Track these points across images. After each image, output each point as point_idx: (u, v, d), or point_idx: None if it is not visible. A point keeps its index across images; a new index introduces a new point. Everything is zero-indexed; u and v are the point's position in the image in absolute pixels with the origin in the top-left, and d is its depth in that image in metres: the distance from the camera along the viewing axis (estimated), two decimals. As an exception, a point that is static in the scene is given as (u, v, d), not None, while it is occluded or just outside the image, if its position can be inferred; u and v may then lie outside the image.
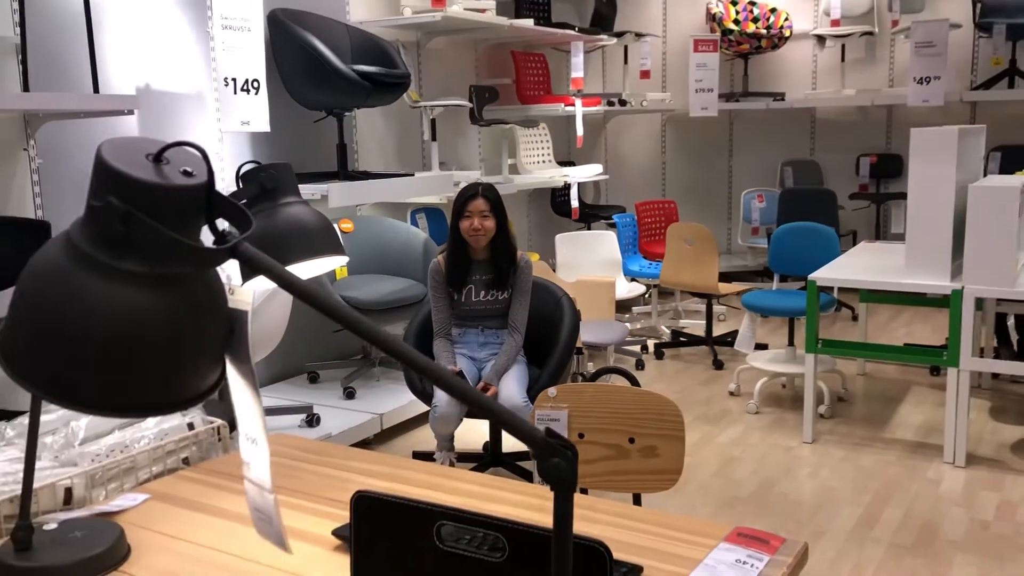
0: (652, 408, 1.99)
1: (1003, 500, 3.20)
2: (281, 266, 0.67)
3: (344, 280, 4.15)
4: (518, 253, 3.16)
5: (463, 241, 3.15)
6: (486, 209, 3.11)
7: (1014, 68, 6.08)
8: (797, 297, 4.36)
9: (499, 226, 3.13)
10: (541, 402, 2.04)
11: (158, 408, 0.69)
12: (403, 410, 3.95)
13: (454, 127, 5.65)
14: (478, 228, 3.10)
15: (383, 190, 4.02)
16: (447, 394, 0.62)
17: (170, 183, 0.67)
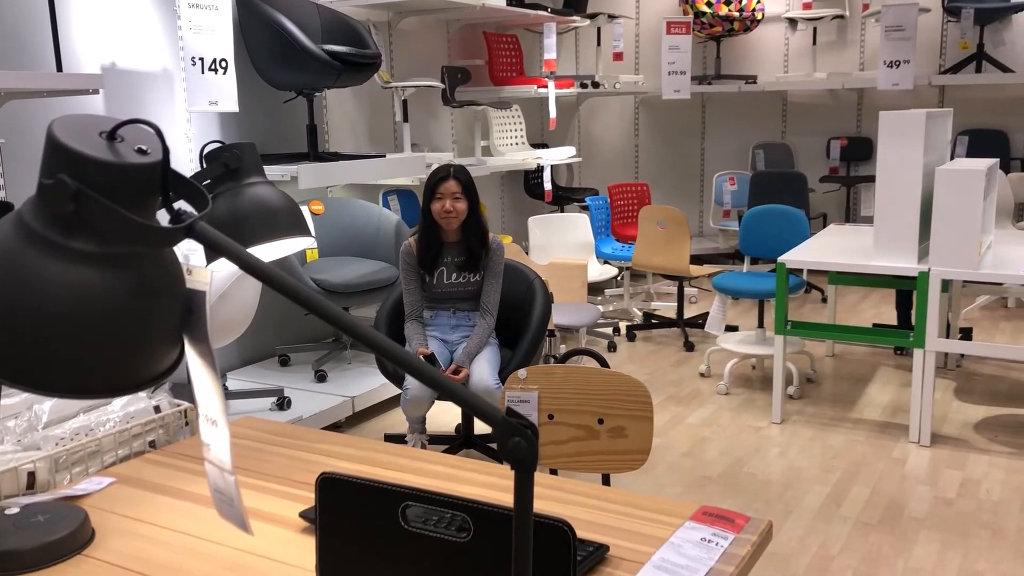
0: (621, 389, 2.00)
1: (966, 478, 3.25)
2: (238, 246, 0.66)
3: (315, 262, 4.12)
4: (490, 235, 3.15)
5: (435, 223, 3.14)
6: (458, 191, 3.10)
7: (981, 52, 6.14)
8: (767, 279, 4.39)
9: (471, 208, 3.12)
10: (511, 384, 2.04)
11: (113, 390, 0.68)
12: (374, 393, 3.94)
13: (426, 108, 5.61)
14: (449, 210, 3.09)
15: (354, 172, 3.99)
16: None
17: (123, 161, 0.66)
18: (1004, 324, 5.31)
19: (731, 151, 7.19)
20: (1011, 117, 6.27)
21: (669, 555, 1.28)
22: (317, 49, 3.78)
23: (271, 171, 3.68)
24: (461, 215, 3.11)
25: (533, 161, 5.62)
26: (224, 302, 3.08)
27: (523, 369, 2.03)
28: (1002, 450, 3.49)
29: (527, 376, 2.04)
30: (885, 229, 3.55)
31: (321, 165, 3.82)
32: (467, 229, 3.13)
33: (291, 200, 1.38)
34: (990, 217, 3.84)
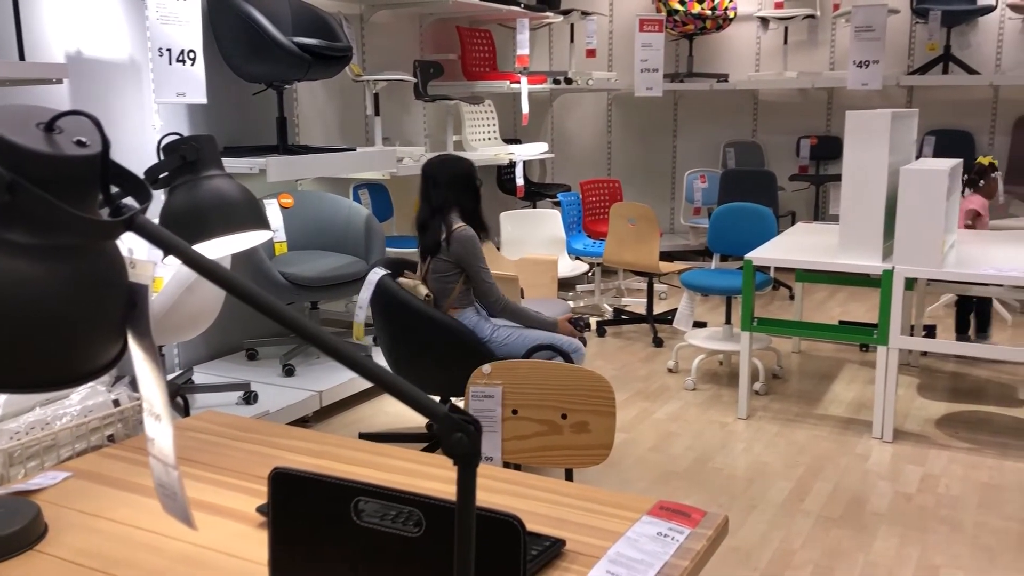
0: (585, 385, 2.00)
1: (926, 473, 3.30)
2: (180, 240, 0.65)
3: (284, 256, 4.09)
4: (454, 226, 3.14)
5: None
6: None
7: (948, 54, 6.21)
8: (734, 276, 4.42)
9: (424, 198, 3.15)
10: (475, 379, 2.04)
11: (51, 384, 0.67)
12: (342, 388, 3.93)
13: (398, 102, 5.59)
14: None
15: (324, 165, 3.97)
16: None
17: (60, 153, 0.65)
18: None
19: (702, 149, 7.22)
20: (976, 118, 6.35)
21: (625, 549, 1.29)
22: (287, 41, 3.75)
23: (240, 164, 3.65)
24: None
25: (505, 156, 5.62)
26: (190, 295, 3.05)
27: (487, 364, 2.03)
28: (961, 446, 3.54)
29: (491, 371, 2.04)
30: (850, 227, 3.58)
31: (291, 158, 3.79)
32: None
33: (249, 193, 1.37)
34: (953, 216, 3.89)
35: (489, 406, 2.09)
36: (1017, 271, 3.30)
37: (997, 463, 3.38)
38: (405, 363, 3.13)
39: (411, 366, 3.12)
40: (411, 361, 3.11)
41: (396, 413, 3.99)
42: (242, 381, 3.78)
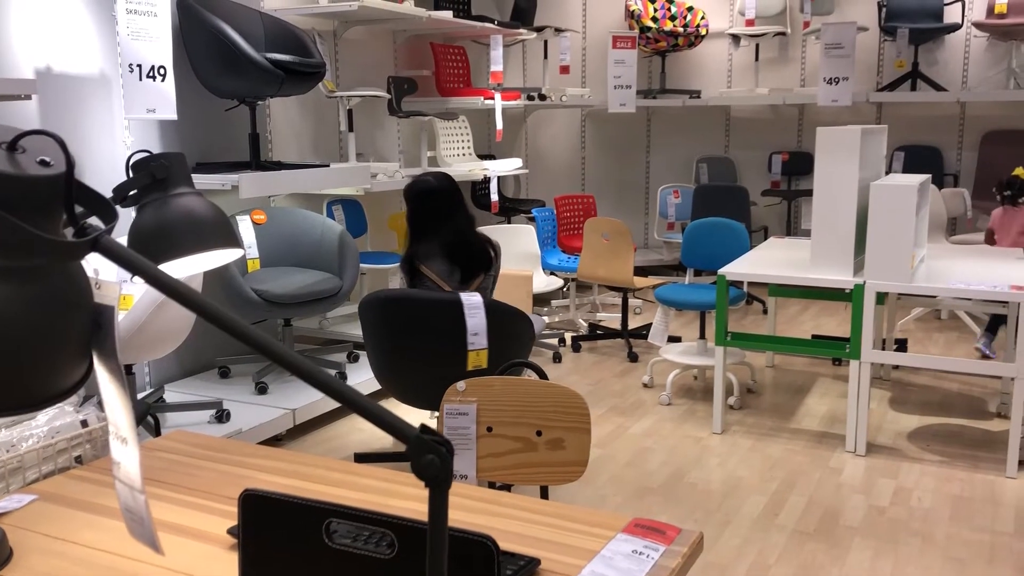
0: (559, 401, 2.00)
1: (899, 486, 3.32)
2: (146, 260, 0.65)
3: (256, 273, 4.06)
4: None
5: None
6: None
7: (916, 71, 6.31)
8: (708, 291, 4.44)
9: (409, 217, 3.14)
10: (449, 396, 2.03)
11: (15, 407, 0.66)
12: (316, 405, 3.89)
13: (372, 118, 5.59)
14: None
15: (297, 181, 3.95)
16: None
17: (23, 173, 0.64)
18: (937, 336, 5.45)
19: (675, 164, 7.27)
20: (944, 134, 6.45)
21: (600, 568, 1.28)
22: (260, 57, 3.74)
23: (211, 180, 3.63)
24: (405, 217, 3.17)
25: (480, 172, 5.63)
26: (161, 313, 3.01)
27: (462, 382, 2.02)
28: (933, 459, 3.58)
29: (465, 388, 2.03)
30: (822, 242, 3.62)
31: (264, 174, 3.77)
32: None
33: (219, 211, 1.36)
34: (923, 231, 3.94)
35: (464, 423, 2.08)
36: (984, 285, 3.34)
37: (968, 475, 3.41)
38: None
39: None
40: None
41: (371, 431, 3.97)
42: (214, 399, 3.74)
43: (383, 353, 3.08)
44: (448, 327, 2.97)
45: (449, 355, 2.99)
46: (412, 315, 2.97)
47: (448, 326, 2.97)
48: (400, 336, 3.01)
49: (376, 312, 3.02)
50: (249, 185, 3.63)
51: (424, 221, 3.10)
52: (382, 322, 3.02)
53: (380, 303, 2.99)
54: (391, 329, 3.01)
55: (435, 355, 3.02)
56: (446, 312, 2.95)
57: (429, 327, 2.98)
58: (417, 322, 2.98)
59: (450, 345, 2.98)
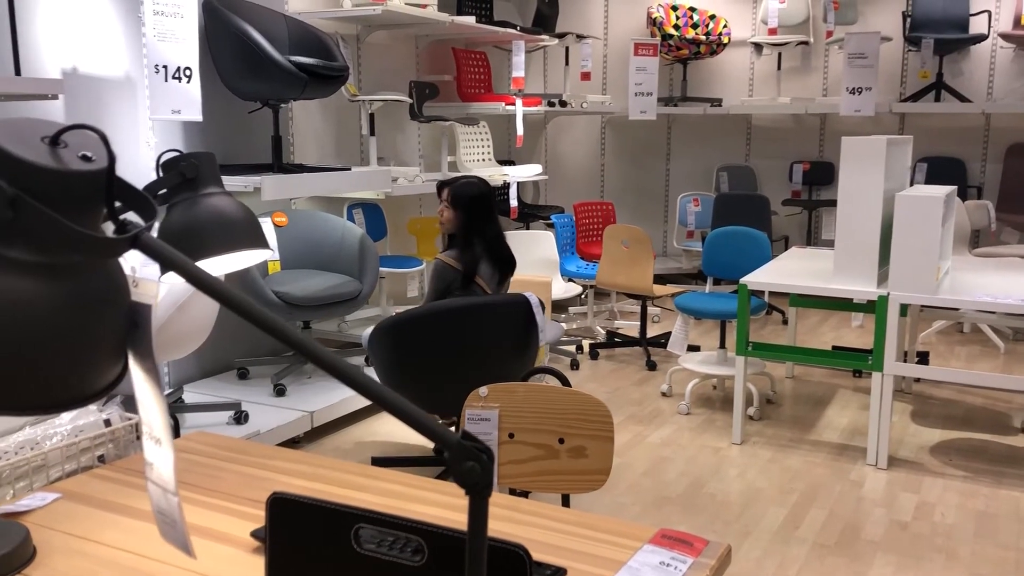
0: (582, 408, 1.98)
1: (921, 501, 3.28)
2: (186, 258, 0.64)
3: (277, 275, 4.07)
4: (438, 255, 3.22)
5: None
6: (447, 199, 3.26)
7: (940, 82, 6.26)
8: (729, 300, 4.42)
9: (460, 223, 3.22)
10: (472, 401, 2.02)
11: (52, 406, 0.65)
12: (333, 408, 3.89)
13: (393, 122, 5.59)
14: (440, 215, 3.28)
15: (318, 184, 3.96)
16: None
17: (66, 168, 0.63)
18: (960, 349, 5.39)
19: (695, 172, 7.24)
20: (968, 146, 6.39)
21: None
22: (283, 60, 3.74)
23: (234, 182, 3.63)
24: (447, 224, 3.27)
25: (500, 178, 5.62)
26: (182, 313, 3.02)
27: (484, 387, 2.01)
28: (956, 474, 3.53)
29: (488, 394, 2.02)
30: (845, 253, 3.58)
31: (285, 177, 3.77)
32: (455, 240, 3.27)
33: (249, 211, 1.35)
34: (948, 243, 3.90)
35: (485, 429, 2.07)
36: (1011, 299, 3.30)
37: (992, 491, 3.36)
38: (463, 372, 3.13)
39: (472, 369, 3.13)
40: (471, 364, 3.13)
41: (387, 434, 3.96)
42: (233, 401, 3.74)
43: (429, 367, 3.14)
44: (512, 328, 3.08)
45: (510, 356, 3.12)
46: (483, 320, 3.06)
47: (512, 327, 3.08)
48: (462, 344, 3.08)
49: (443, 323, 3.06)
50: (271, 187, 3.64)
51: (475, 226, 3.24)
52: (447, 333, 3.08)
53: (454, 313, 3.03)
54: (455, 338, 3.08)
55: (498, 358, 3.11)
56: (516, 313, 3.08)
57: (497, 330, 3.08)
58: (487, 326, 3.07)
59: (513, 345, 3.11)
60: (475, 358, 3.10)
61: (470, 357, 3.10)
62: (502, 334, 3.13)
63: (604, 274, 5.01)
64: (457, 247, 3.23)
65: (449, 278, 3.19)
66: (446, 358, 3.09)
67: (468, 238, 3.24)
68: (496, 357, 3.14)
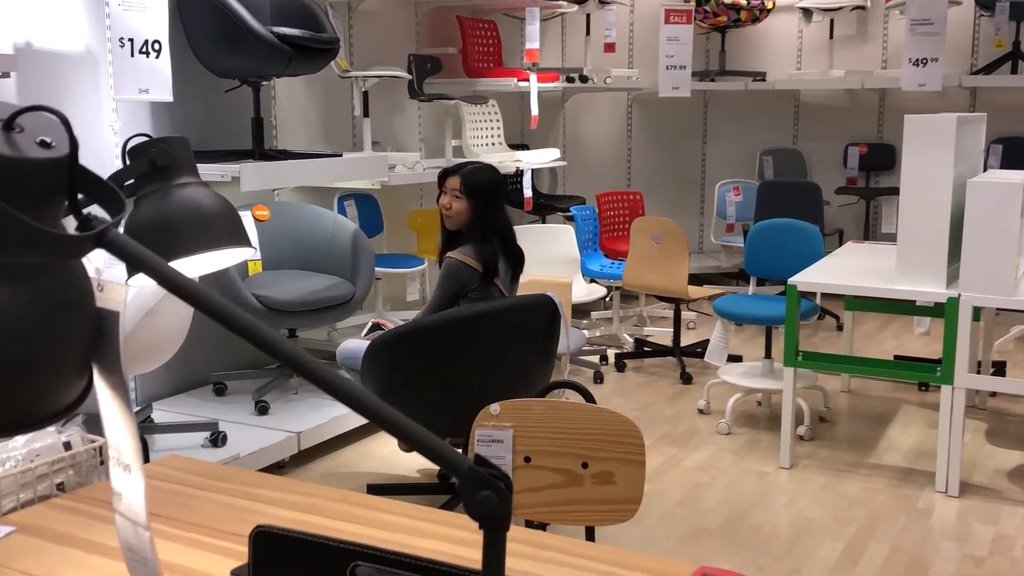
0: (609, 428, 1.98)
1: (998, 534, 3.26)
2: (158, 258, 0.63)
3: (257, 276, 4.08)
4: (450, 252, 3.22)
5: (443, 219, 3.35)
6: (458, 188, 3.26)
7: (1017, 51, 6.23)
8: (775, 303, 4.40)
9: (474, 214, 3.24)
10: (482, 421, 2.02)
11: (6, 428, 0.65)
12: (324, 428, 3.90)
13: (390, 101, 5.60)
14: (447, 207, 3.28)
15: (305, 172, 3.97)
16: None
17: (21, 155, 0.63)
18: (1041, 358, 5.36)
19: (736, 157, 7.23)
20: (1050, 125, 6.36)
21: (662, 624, 1.26)
22: (265, 31, 3.75)
23: (209, 170, 3.65)
24: (459, 216, 3.26)
25: (512, 164, 5.62)
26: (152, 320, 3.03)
27: (495, 404, 2.01)
28: (1039, 502, 3.51)
29: (501, 412, 2.02)
30: (909, 248, 3.57)
31: (267, 164, 3.78)
32: (469, 235, 3.27)
33: (229, 204, 1.36)
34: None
35: (498, 452, 2.06)
36: (1102, 300, 3.28)
37: (1080, 522, 3.34)
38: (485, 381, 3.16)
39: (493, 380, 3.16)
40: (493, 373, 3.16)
41: (385, 457, 3.96)
42: (209, 420, 3.76)
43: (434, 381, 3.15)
44: (531, 334, 3.13)
45: (526, 368, 3.15)
46: (501, 326, 3.09)
47: (531, 333, 3.13)
48: (475, 355, 3.10)
49: (460, 332, 3.07)
50: (251, 176, 3.65)
51: (491, 218, 3.27)
52: (460, 342, 3.09)
53: (477, 319, 3.06)
54: (468, 348, 3.09)
55: (513, 370, 3.14)
56: (537, 317, 3.12)
57: (515, 337, 3.13)
58: (503, 333, 3.11)
59: (531, 355, 3.15)
60: (487, 370, 3.11)
61: (482, 369, 3.12)
62: (520, 342, 3.15)
63: (632, 274, 5.00)
64: (471, 243, 3.24)
65: (465, 279, 3.20)
66: (455, 371, 3.11)
67: (484, 232, 3.25)
68: (511, 369, 3.15)
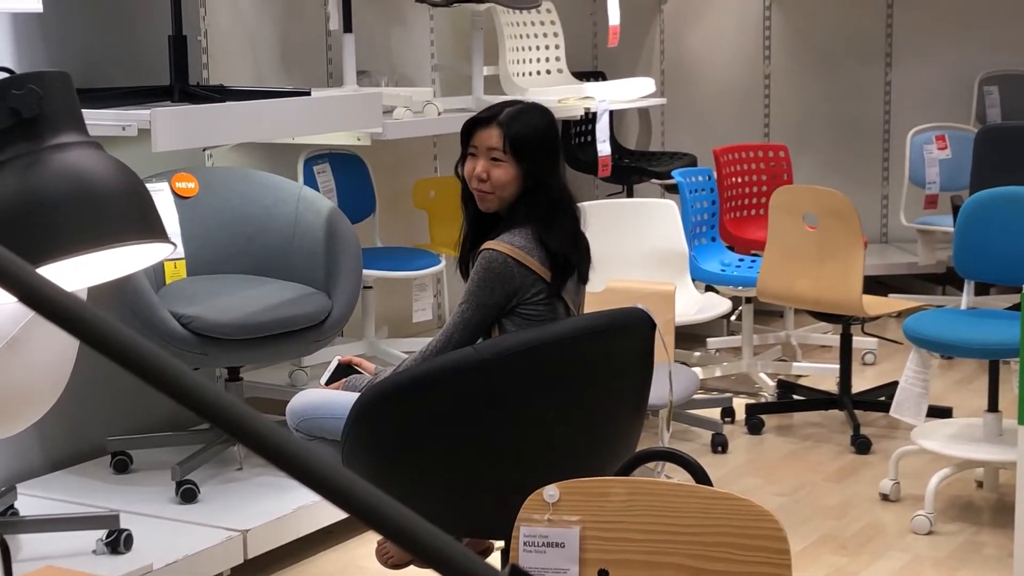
0: (734, 524, 1.99)
1: None
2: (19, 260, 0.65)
3: (180, 286, 4.12)
4: (489, 242, 3.21)
5: (471, 197, 3.34)
6: (498, 147, 3.24)
7: None
8: (1004, 324, 4.36)
9: (527, 184, 3.26)
10: (532, 511, 2.04)
11: None
12: (282, 525, 3.92)
13: (385, 8, 5.64)
14: (482, 177, 3.24)
15: (253, 121, 3.99)
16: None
17: None
18: None
19: (939, 87, 7.17)
20: None
21: None
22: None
23: (103, 120, 3.69)
24: (502, 190, 3.25)
25: (578, 104, 5.64)
26: (12, 358, 3.08)
27: (553, 486, 2.02)
28: None
29: (560, 498, 2.03)
30: None
31: (194, 109, 3.82)
32: (515, 216, 3.28)
33: (133, 176, 1.39)
34: None
35: (556, 563, 2.08)
36: None
37: None
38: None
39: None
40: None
41: (377, 571, 3.98)
42: (105, 511, 3.79)
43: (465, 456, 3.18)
44: (614, 373, 3.20)
45: (608, 425, 3.20)
46: (576, 362, 3.14)
47: (616, 371, 3.21)
48: (526, 408, 3.15)
49: (506, 375, 3.10)
50: (168, 128, 3.68)
51: (554, 190, 3.32)
52: (507, 391, 3.12)
53: (533, 353, 3.09)
54: (518, 397, 3.14)
55: (588, 429, 3.18)
56: (626, 347, 3.20)
57: (587, 379, 3.19)
58: (571, 374, 3.16)
59: (615, 406, 3.21)
60: (543, 431, 3.11)
61: (535, 430, 3.12)
62: (595, 387, 3.14)
63: (773, 277, 4.98)
64: (523, 227, 3.23)
65: (516, 285, 3.19)
66: (492, 435, 3.11)
67: (545, 212, 3.25)
68: (579, 429, 3.14)
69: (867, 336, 6.20)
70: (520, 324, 3.20)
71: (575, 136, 6.53)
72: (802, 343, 6.21)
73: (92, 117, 3.70)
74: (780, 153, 6.28)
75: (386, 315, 5.52)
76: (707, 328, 6.20)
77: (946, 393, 5.56)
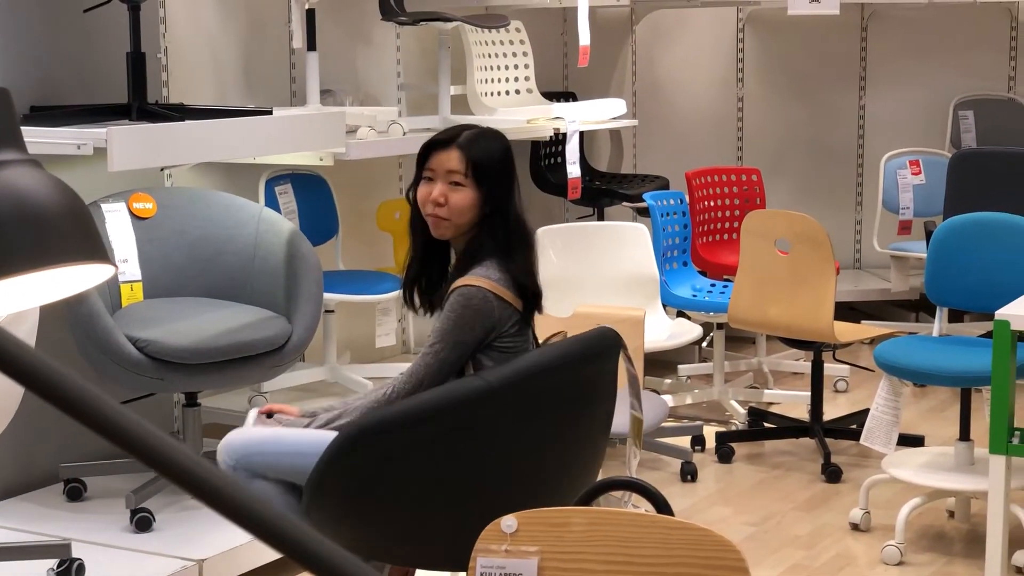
0: (697, 555, 1.99)
1: None
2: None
3: (136, 308, 4.11)
4: (464, 278, 3.18)
5: (422, 223, 3.29)
6: (459, 170, 3.20)
7: None
8: (976, 351, 4.38)
9: (485, 211, 3.24)
10: (488, 542, 2.03)
11: None
12: (240, 554, 3.91)
13: (350, 26, 5.64)
14: (439, 201, 3.20)
15: (214, 140, 3.99)
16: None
17: None
18: None
19: (913, 113, 7.21)
20: None
21: None
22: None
23: (56, 138, 3.68)
24: (460, 216, 3.21)
25: (548, 124, 5.64)
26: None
27: (510, 516, 2.02)
28: None
29: (518, 528, 2.03)
30: None
31: (152, 128, 3.81)
32: (483, 246, 3.25)
33: (73, 196, 1.38)
34: None
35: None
36: None
37: None
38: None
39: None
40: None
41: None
42: (57, 540, 3.77)
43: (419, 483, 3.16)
44: (580, 396, 3.22)
45: (567, 452, 3.23)
46: (543, 388, 3.14)
47: (580, 393, 3.22)
48: (494, 439, 3.14)
49: (497, 407, 3.08)
50: (125, 147, 3.67)
51: (512, 216, 3.30)
52: (487, 423, 3.11)
53: (520, 384, 3.08)
54: (485, 429, 3.12)
55: (550, 454, 3.20)
56: (593, 366, 3.23)
57: (559, 401, 3.19)
58: (543, 398, 3.16)
59: (576, 430, 3.25)
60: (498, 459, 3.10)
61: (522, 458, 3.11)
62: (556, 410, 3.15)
63: (744, 303, 4.99)
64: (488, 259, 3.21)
65: (494, 319, 3.18)
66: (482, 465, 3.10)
67: (507, 238, 3.23)
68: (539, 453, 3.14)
69: (839, 363, 6.23)
70: (497, 358, 3.18)
71: (545, 157, 6.54)
72: (774, 370, 6.23)
73: (47, 135, 3.71)
74: (753, 177, 6.31)
75: (348, 340, 5.51)
76: (678, 355, 6.21)
77: (918, 421, 5.58)
